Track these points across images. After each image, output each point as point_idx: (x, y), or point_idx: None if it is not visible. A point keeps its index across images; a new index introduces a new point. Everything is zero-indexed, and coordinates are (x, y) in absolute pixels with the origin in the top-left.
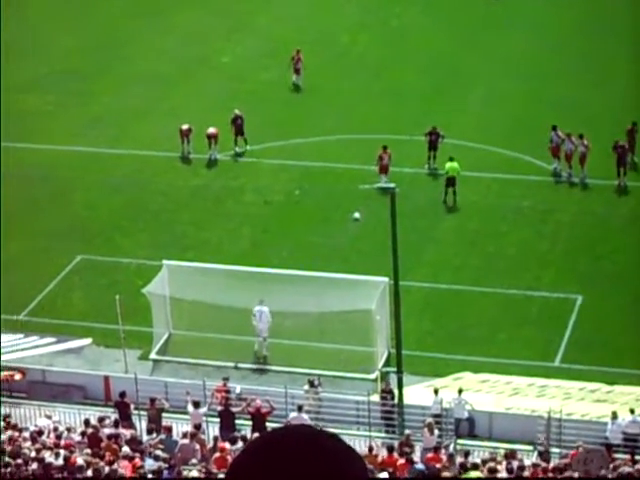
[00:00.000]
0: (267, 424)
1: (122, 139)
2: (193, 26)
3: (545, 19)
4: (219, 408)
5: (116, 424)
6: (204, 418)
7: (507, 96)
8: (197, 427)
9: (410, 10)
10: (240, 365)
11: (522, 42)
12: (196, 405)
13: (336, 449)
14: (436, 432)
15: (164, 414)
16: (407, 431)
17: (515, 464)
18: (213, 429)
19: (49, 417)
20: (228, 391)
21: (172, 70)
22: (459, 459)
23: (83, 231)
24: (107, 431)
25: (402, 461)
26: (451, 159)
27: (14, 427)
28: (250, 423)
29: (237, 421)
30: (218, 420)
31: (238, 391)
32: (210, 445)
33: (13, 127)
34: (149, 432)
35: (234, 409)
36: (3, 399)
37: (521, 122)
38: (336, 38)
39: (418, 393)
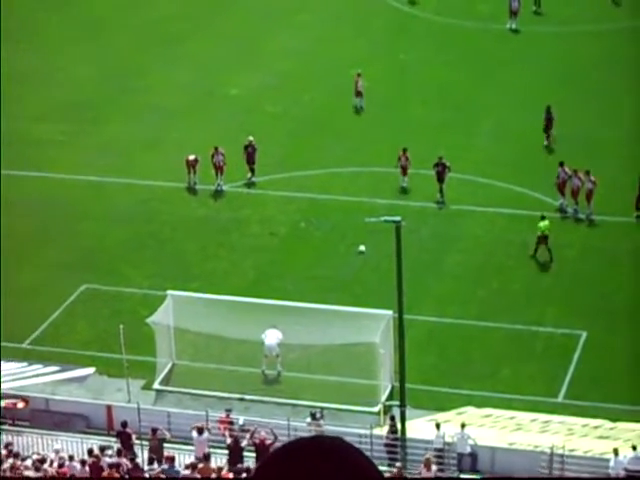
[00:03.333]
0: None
1: (129, 169)
2: (202, 58)
3: (554, 54)
4: (228, 440)
5: (119, 453)
6: (207, 449)
7: (515, 131)
8: (206, 457)
9: (418, 44)
10: (245, 397)
11: (531, 77)
12: (200, 431)
13: (352, 458)
14: (434, 468)
15: (167, 444)
16: (398, 464)
17: None
18: (216, 460)
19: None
20: (231, 422)
21: (180, 101)
22: None
23: (88, 260)
24: (108, 460)
25: None
26: (543, 217)
27: (16, 455)
28: (254, 455)
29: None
30: (222, 452)
31: (241, 422)
32: (214, 476)
33: (23, 156)
34: (150, 462)
35: (243, 442)
36: (5, 427)
37: (528, 157)
38: (344, 71)
39: (421, 427)
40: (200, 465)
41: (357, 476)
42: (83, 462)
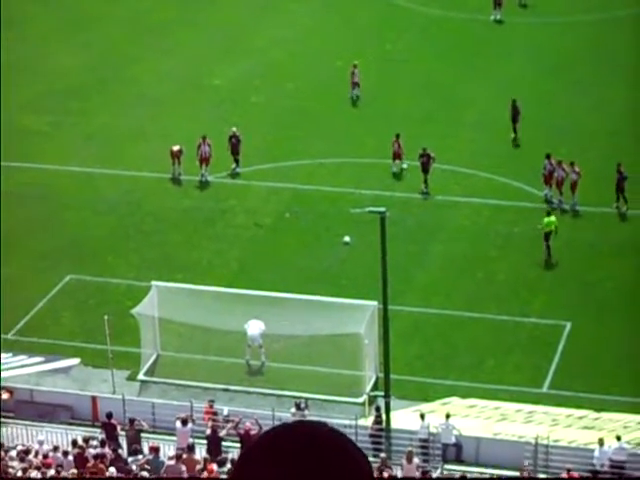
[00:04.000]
0: None
1: (114, 160)
2: (188, 48)
3: (540, 45)
4: (208, 431)
5: (102, 444)
6: (190, 440)
7: (500, 122)
8: (190, 448)
9: (404, 35)
10: (229, 387)
11: (516, 68)
12: (184, 422)
13: (342, 446)
14: (415, 460)
15: (152, 435)
16: (382, 455)
17: None
18: (200, 451)
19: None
20: (215, 413)
21: (165, 91)
22: None
23: (73, 251)
24: (93, 451)
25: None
26: (549, 213)
27: (0, 446)
28: (237, 445)
29: (225, 443)
30: (205, 443)
31: (225, 413)
32: (198, 467)
33: (8, 146)
34: (134, 453)
35: (222, 432)
36: None
37: (514, 148)
38: (329, 61)
39: (406, 417)
40: (184, 456)
41: (344, 464)
42: (66, 453)
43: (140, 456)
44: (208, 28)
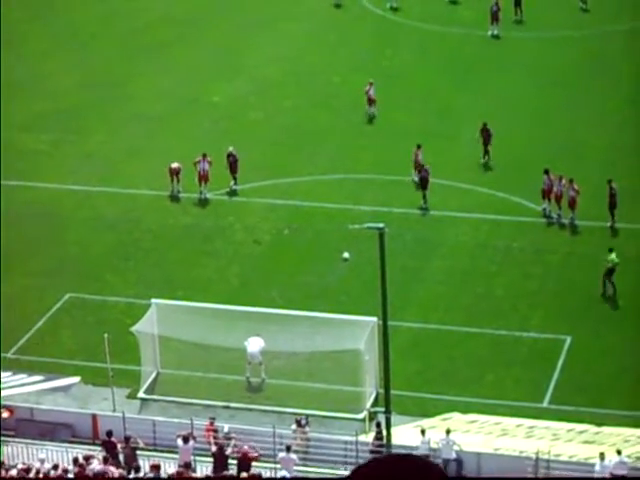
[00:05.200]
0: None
1: (113, 178)
2: (185, 66)
3: (540, 60)
4: (213, 448)
5: (105, 461)
6: (192, 457)
7: (499, 137)
8: (187, 465)
9: (402, 51)
10: (230, 404)
11: (515, 83)
12: (185, 440)
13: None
14: None
15: (153, 453)
16: None
17: None
18: (202, 468)
19: None
20: (216, 430)
21: (163, 109)
22: None
23: (73, 269)
24: (93, 469)
25: None
26: (610, 250)
27: (1, 465)
28: (236, 462)
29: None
30: (207, 460)
31: (226, 430)
32: None
33: (7, 166)
34: (135, 470)
35: (228, 450)
36: None
37: (512, 163)
38: (327, 78)
39: (406, 433)
40: (184, 474)
41: None
42: (66, 471)
43: (140, 474)
44: (205, 46)
